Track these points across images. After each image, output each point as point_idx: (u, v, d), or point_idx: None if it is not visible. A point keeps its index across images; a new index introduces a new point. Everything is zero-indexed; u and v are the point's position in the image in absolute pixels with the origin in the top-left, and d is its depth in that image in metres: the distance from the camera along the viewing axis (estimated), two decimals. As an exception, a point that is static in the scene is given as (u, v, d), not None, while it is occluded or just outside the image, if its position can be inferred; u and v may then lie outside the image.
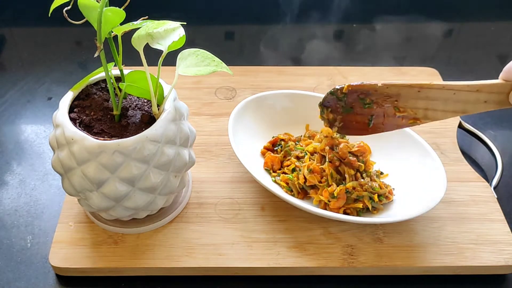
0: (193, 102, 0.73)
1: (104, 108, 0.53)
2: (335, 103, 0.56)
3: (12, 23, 0.96)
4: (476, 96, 0.50)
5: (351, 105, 0.56)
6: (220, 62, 0.51)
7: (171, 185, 0.53)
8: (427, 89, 0.52)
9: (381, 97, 0.54)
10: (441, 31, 0.95)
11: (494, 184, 0.63)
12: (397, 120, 0.55)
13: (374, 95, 0.54)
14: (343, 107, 0.56)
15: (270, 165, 0.63)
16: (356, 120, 0.57)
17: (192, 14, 0.99)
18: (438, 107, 0.53)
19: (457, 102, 0.52)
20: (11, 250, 0.58)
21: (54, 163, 0.52)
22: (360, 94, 0.55)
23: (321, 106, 0.57)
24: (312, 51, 0.88)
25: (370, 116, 0.56)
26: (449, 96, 0.51)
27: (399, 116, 0.55)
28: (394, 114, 0.55)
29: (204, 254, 0.55)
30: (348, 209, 0.58)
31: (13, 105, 0.77)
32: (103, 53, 0.48)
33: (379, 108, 0.55)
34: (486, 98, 0.50)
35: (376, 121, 0.56)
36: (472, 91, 0.50)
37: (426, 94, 0.52)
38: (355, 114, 0.56)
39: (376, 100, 0.55)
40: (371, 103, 0.55)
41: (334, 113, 0.57)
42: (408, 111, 0.54)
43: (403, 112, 0.54)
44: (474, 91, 0.50)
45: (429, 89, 0.52)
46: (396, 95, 0.54)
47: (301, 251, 0.55)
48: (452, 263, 0.55)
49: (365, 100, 0.55)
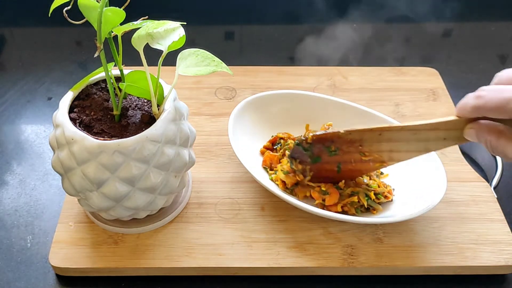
0: (193, 102, 0.73)
1: (104, 108, 0.53)
2: (303, 154, 0.57)
3: (12, 23, 0.96)
4: (435, 134, 0.51)
5: (318, 154, 0.57)
6: (220, 62, 0.51)
7: (171, 185, 0.53)
8: (388, 132, 0.53)
9: (345, 144, 0.55)
10: (441, 31, 0.95)
11: (494, 184, 0.63)
12: (365, 165, 0.56)
13: (338, 142, 0.55)
14: (311, 157, 0.57)
15: (268, 163, 0.63)
16: (325, 169, 0.58)
17: (192, 14, 0.99)
18: (402, 148, 0.53)
19: (419, 141, 0.52)
20: (11, 250, 0.58)
21: (54, 163, 0.52)
22: (325, 142, 0.56)
23: (290, 158, 0.58)
24: (312, 51, 0.88)
25: (337, 163, 0.57)
26: (410, 137, 0.52)
27: (366, 161, 0.55)
28: (360, 159, 0.56)
29: (204, 254, 0.55)
30: (346, 206, 0.57)
31: (13, 105, 0.77)
32: (103, 53, 0.48)
33: (345, 155, 0.56)
34: (445, 135, 0.50)
35: (345, 167, 0.57)
36: (431, 129, 0.50)
37: (388, 136, 0.53)
38: (323, 163, 0.57)
39: (341, 146, 0.55)
40: (337, 150, 0.56)
41: (303, 164, 0.58)
42: (374, 155, 0.55)
43: (369, 156, 0.55)
44: (433, 129, 0.50)
45: (390, 131, 0.53)
46: (359, 140, 0.54)
47: (301, 251, 0.55)
48: (452, 263, 0.55)
49: (330, 148, 0.56)
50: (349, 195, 0.58)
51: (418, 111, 0.73)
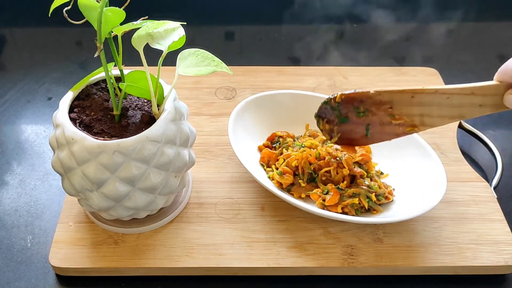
0: (193, 102, 0.73)
1: (104, 108, 0.53)
2: (330, 113, 0.55)
3: (12, 23, 0.96)
4: (470, 99, 0.48)
5: (346, 115, 0.54)
6: (220, 62, 0.51)
7: (171, 185, 0.53)
8: (420, 94, 0.50)
9: (374, 105, 0.53)
10: (441, 31, 0.95)
11: (494, 184, 0.63)
12: (394, 128, 0.54)
13: (367, 103, 0.53)
14: (338, 117, 0.55)
15: (266, 160, 0.63)
16: (353, 130, 0.55)
17: (192, 14, 0.99)
18: (434, 112, 0.51)
19: (452, 107, 0.49)
20: (11, 250, 0.58)
21: (54, 163, 0.52)
22: (354, 102, 0.53)
23: (317, 117, 0.57)
24: (312, 51, 0.88)
25: (366, 125, 0.54)
26: (443, 101, 0.49)
27: (396, 124, 0.53)
28: (390, 122, 0.53)
29: (204, 254, 0.55)
30: (346, 208, 0.57)
31: (13, 105, 0.77)
32: (103, 53, 0.48)
33: (374, 117, 0.54)
34: (481, 102, 0.48)
35: (373, 130, 0.54)
36: (466, 94, 0.48)
37: (420, 99, 0.51)
38: (351, 124, 0.55)
39: (370, 108, 0.53)
40: (366, 112, 0.54)
41: (330, 124, 0.56)
42: (404, 118, 0.52)
43: (399, 119, 0.53)
44: (468, 94, 0.48)
45: (422, 94, 0.50)
46: (389, 102, 0.52)
47: (301, 251, 0.55)
48: (452, 263, 0.55)
49: (359, 108, 0.54)
50: (350, 196, 0.58)
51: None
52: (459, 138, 0.69)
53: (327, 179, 0.60)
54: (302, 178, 0.60)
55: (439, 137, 0.68)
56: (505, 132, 0.73)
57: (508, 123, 0.75)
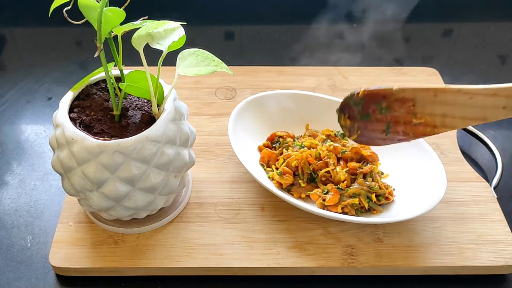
0: (193, 102, 0.73)
1: (104, 108, 0.53)
2: (353, 109, 0.54)
3: (12, 23, 0.96)
4: (494, 101, 0.46)
5: (368, 111, 0.53)
6: (220, 62, 0.51)
7: (171, 185, 0.53)
8: (443, 93, 0.49)
9: (396, 102, 0.51)
10: (441, 31, 0.95)
11: (494, 184, 0.63)
12: (414, 128, 0.52)
13: (389, 100, 0.52)
14: (360, 113, 0.54)
15: (266, 160, 0.63)
16: (374, 128, 0.54)
17: (192, 14, 0.99)
18: (456, 113, 0.49)
19: (475, 107, 0.48)
20: (11, 250, 0.58)
21: (54, 163, 0.52)
22: (376, 98, 0.52)
23: (339, 112, 0.56)
24: (312, 51, 0.88)
25: (387, 123, 0.53)
26: (465, 101, 0.48)
27: (417, 124, 0.51)
28: (411, 121, 0.51)
29: (204, 254, 0.55)
30: (346, 208, 0.57)
31: (13, 105, 0.77)
32: (103, 53, 0.48)
33: (396, 114, 0.52)
34: (505, 103, 0.46)
35: (394, 129, 0.53)
36: (489, 95, 0.46)
37: (442, 98, 0.49)
38: (372, 121, 0.54)
39: (393, 105, 0.52)
40: (388, 108, 0.52)
41: (352, 119, 0.55)
42: (426, 117, 0.51)
43: (420, 118, 0.51)
44: (491, 95, 0.46)
45: (445, 93, 0.49)
46: (412, 100, 0.50)
47: (301, 251, 0.55)
48: (452, 263, 0.55)
49: (381, 104, 0.52)
50: (350, 197, 0.58)
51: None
52: (459, 138, 0.69)
53: (327, 179, 0.60)
54: (302, 178, 0.60)
55: (439, 137, 0.68)
56: (505, 132, 0.73)
57: (508, 123, 0.75)
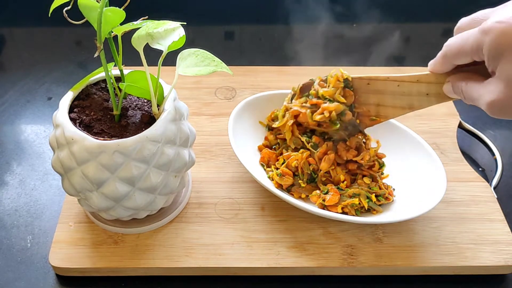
0: (193, 102, 0.73)
1: (104, 108, 0.53)
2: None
3: (12, 23, 0.96)
4: (418, 87, 0.50)
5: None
6: (220, 62, 0.51)
7: (171, 185, 0.53)
8: (375, 81, 0.53)
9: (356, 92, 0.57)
10: (441, 31, 0.95)
11: (494, 184, 0.63)
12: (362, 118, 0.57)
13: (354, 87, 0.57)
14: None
15: (266, 160, 0.63)
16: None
17: (192, 14, 0.99)
18: (388, 102, 0.53)
19: (402, 95, 0.52)
20: (11, 250, 0.58)
21: (54, 163, 0.52)
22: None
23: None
24: (312, 51, 0.88)
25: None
26: (394, 89, 0.52)
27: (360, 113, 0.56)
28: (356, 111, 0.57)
29: (204, 254, 0.55)
30: (346, 208, 0.57)
31: (13, 105, 0.77)
32: (103, 53, 0.48)
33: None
34: (427, 90, 0.50)
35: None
36: (413, 81, 0.50)
37: (375, 87, 0.53)
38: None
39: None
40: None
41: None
42: (363, 107, 0.55)
43: (359, 108, 0.56)
44: (415, 81, 0.50)
45: (376, 81, 0.53)
46: (356, 89, 0.55)
47: (301, 251, 0.55)
48: (452, 263, 0.55)
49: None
50: (350, 197, 0.58)
51: (418, 111, 0.72)
52: (459, 138, 0.69)
53: (327, 179, 0.60)
54: (302, 178, 0.60)
55: (439, 137, 0.68)
56: (505, 132, 0.73)
57: (508, 123, 0.75)
